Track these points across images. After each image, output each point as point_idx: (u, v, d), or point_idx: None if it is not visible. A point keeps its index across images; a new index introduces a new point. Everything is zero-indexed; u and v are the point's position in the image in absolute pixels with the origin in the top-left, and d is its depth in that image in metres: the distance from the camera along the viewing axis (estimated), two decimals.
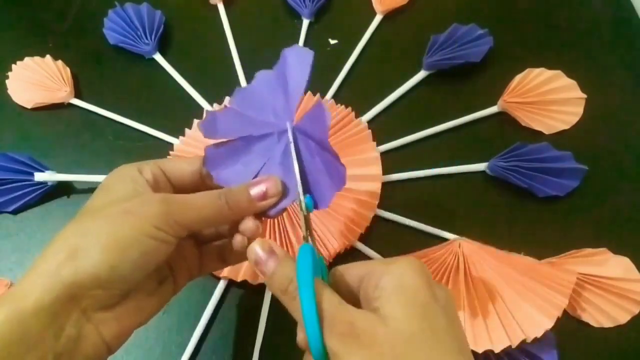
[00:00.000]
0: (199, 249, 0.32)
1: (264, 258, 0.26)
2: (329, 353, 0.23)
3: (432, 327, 0.22)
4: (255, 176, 0.30)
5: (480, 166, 0.48)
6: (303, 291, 0.23)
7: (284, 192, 0.29)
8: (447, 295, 0.25)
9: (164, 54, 0.54)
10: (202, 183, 0.31)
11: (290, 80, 0.31)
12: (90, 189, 0.48)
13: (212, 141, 0.31)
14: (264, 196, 0.28)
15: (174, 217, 0.26)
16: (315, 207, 0.29)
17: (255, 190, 0.28)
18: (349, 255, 0.44)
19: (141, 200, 0.26)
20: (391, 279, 0.24)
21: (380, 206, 0.45)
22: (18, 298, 0.23)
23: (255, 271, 0.27)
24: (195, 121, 0.49)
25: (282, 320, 0.42)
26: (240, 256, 0.32)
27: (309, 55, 0.30)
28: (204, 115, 0.42)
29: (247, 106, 0.32)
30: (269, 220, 0.42)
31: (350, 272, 0.26)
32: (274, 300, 0.42)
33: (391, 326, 0.22)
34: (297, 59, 0.30)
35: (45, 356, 0.23)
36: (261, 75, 0.33)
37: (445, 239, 0.43)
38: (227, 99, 0.50)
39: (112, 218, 0.25)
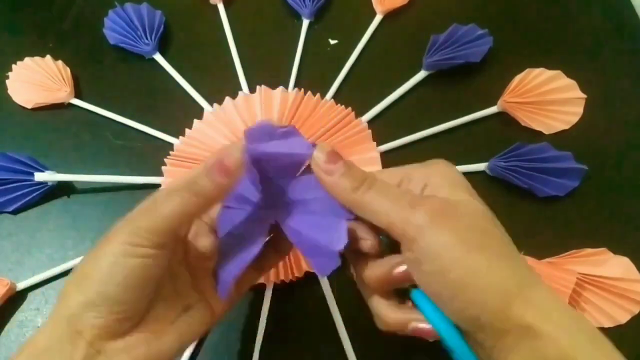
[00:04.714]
0: None
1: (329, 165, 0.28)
2: (413, 227, 0.25)
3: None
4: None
5: (480, 166, 0.48)
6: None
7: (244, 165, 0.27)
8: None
9: (164, 54, 0.54)
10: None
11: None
12: (90, 189, 0.48)
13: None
14: (226, 171, 0.26)
15: (143, 227, 0.25)
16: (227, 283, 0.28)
17: (214, 169, 0.26)
18: None
19: (116, 226, 0.26)
20: (441, 177, 0.28)
21: None
22: (33, 341, 0.25)
23: None
24: (196, 121, 0.49)
25: (282, 320, 0.42)
26: (276, 259, 0.34)
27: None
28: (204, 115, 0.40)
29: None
30: None
31: (385, 177, 0.28)
32: (274, 300, 0.42)
33: (469, 207, 0.27)
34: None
35: None
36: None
37: None
38: (227, 99, 0.50)
39: (94, 251, 0.26)
